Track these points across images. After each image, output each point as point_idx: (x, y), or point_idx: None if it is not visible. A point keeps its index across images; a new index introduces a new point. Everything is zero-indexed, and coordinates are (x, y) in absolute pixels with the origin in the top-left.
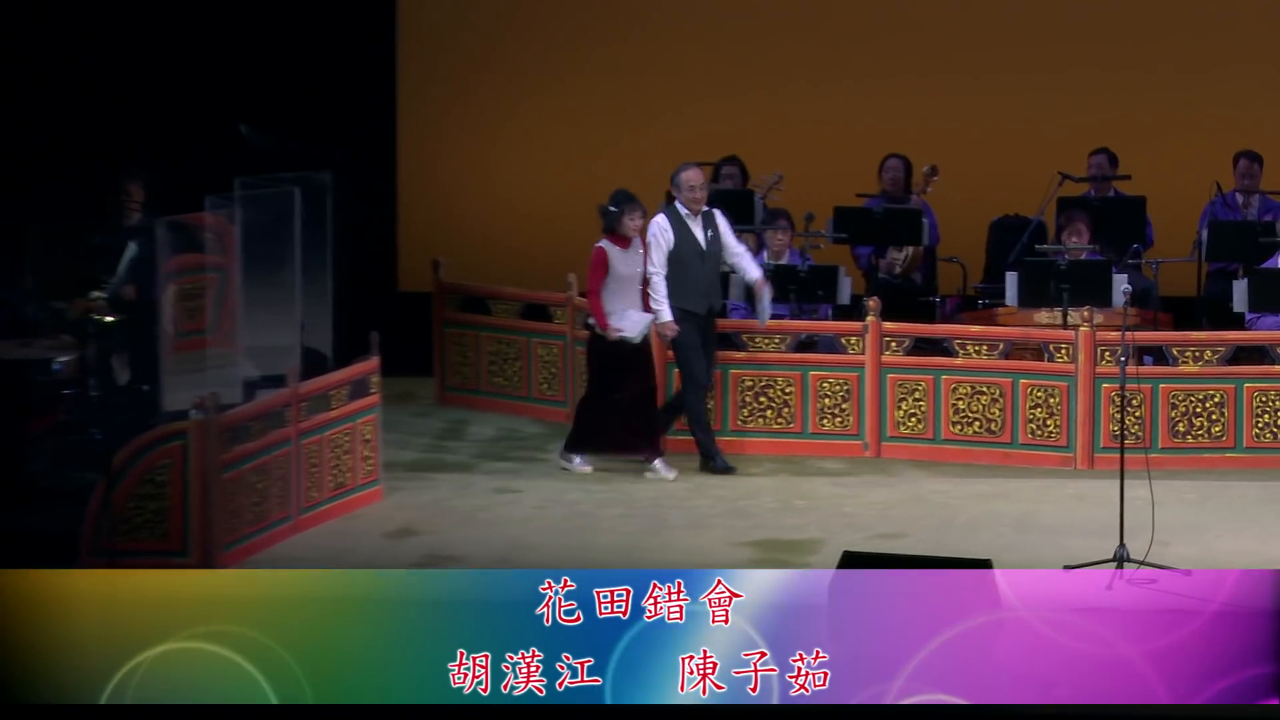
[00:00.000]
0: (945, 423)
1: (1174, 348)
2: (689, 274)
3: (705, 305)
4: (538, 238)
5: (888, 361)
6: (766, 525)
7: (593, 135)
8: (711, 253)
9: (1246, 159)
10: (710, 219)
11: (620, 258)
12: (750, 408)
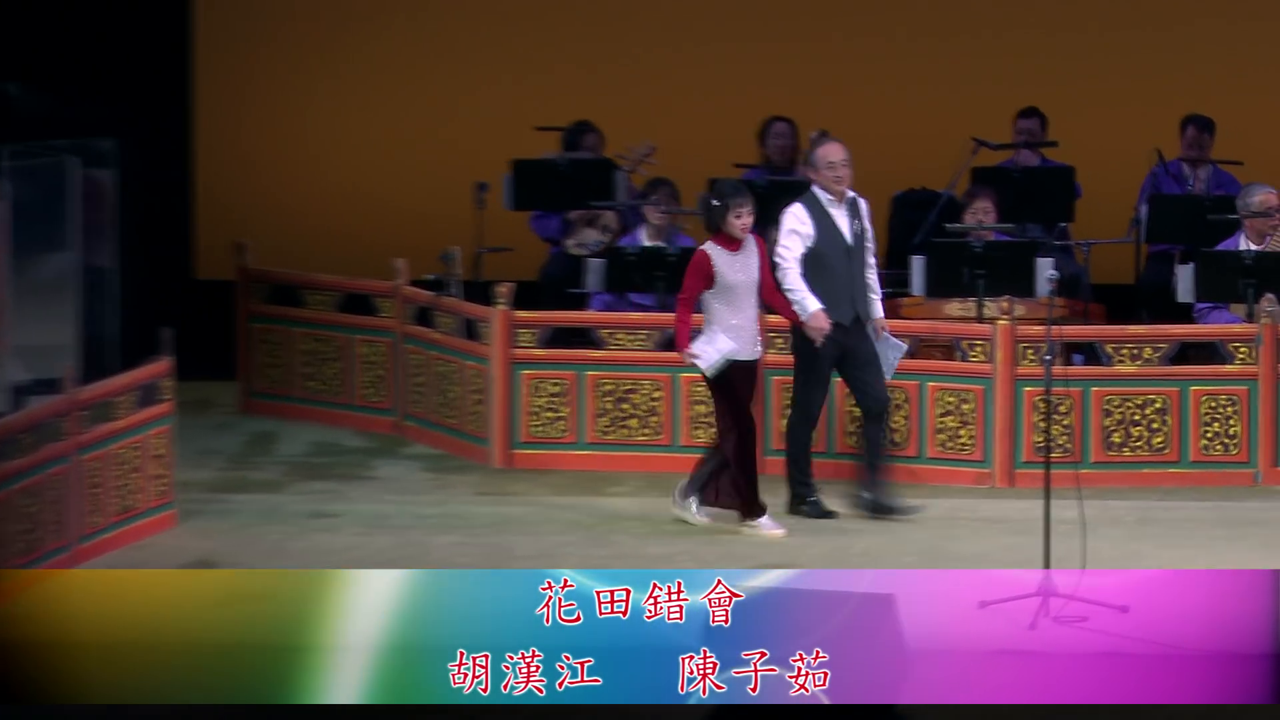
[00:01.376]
0: (840, 433)
1: (1108, 344)
2: (831, 275)
3: (850, 313)
4: (360, 216)
5: (771, 361)
6: (629, 555)
7: (426, 97)
8: (858, 248)
9: (1195, 125)
10: (855, 207)
11: (729, 263)
12: (610, 416)
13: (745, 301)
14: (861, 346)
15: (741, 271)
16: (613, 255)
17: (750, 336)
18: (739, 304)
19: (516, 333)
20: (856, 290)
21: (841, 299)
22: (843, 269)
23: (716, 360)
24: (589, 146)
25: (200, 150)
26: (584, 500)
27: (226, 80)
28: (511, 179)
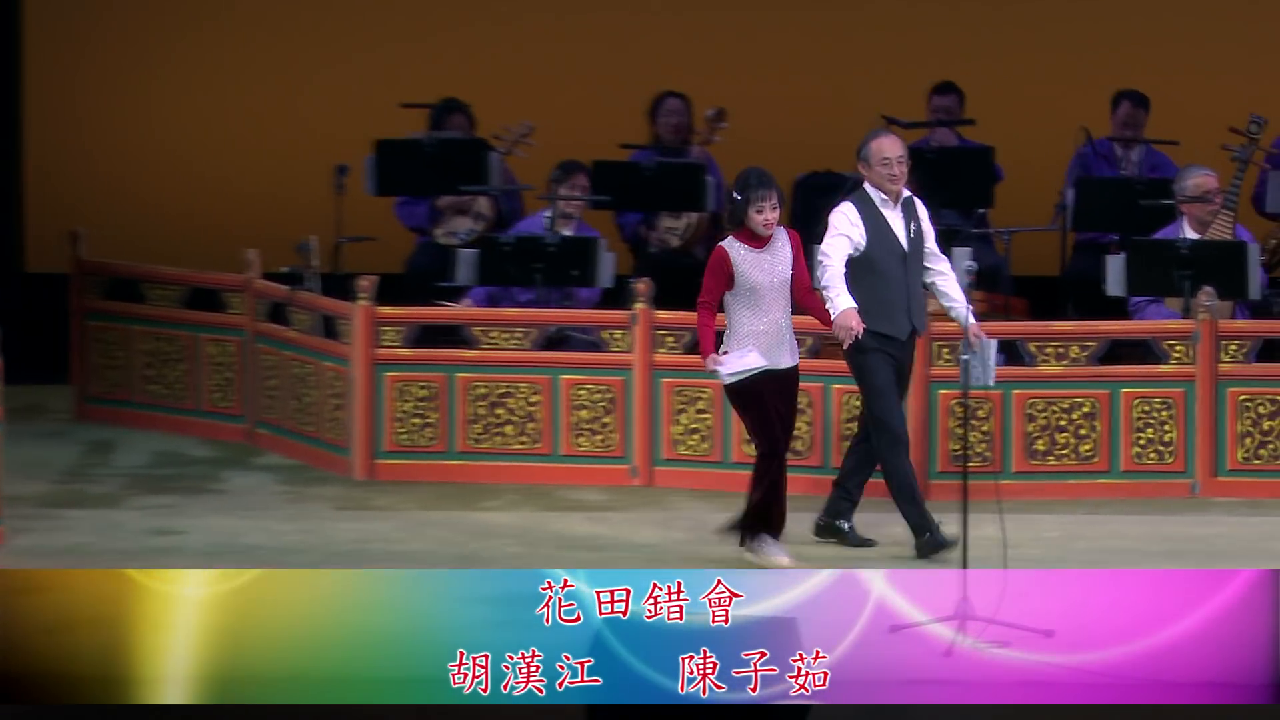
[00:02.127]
0: (736, 441)
1: (1031, 342)
2: (885, 283)
3: (907, 327)
4: (208, 203)
5: (662, 362)
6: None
7: (279, 72)
8: (915, 254)
9: (1129, 101)
10: (911, 208)
11: (752, 262)
12: (484, 422)
13: (772, 304)
14: (907, 364)
15: (766, 271)
16: (486, 245)
17: (779, 343)
18: (764, 307)
19: (380, 331)
20: (914, 300)
21: (896, 311)
22: (898, 277)
23: (738, 373)
24: (458, 126)
25: (30, 131)
26: (455, 515)
27: (58, 56)
28: (374, 161)
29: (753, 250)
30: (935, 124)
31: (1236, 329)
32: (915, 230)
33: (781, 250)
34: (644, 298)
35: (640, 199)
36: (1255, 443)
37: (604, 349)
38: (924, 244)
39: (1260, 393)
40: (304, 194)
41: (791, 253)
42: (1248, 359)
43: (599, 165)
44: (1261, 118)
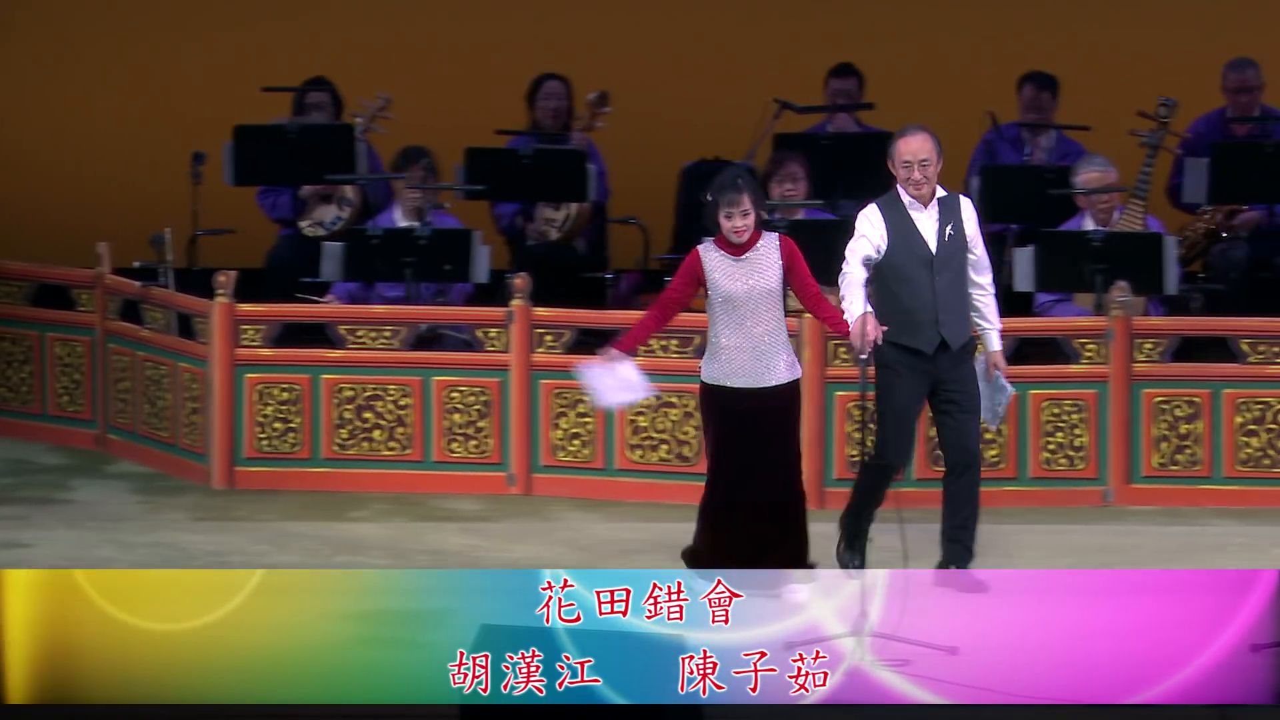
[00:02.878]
0: (620, 447)
1: None
2: (910, 292)
3: (934, 339)
4: (55, 193)
5: (541, 362)
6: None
7: (131, 53)
8: (947, 259)
9: (1034, 84)
10: (951, 209)
11: (726, 270)
12: (351, 427)
13: (750, 318)
14: (953, 380)
15: (742, 281)
16: (353, 238)
17: (757, 359)
18: (739, 319)
19: (240, 329)
20: (945, 311)
21: (922, 322)
22: (923, 284)
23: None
24: (322, 109)
25: None
26: (320, 526)
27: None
28: (233, 148)
29: (729, 258)
30: (833, 109)
31: (1152, 326)
32: (952, 234)
33: (765, 260)
34: (521, 294)
35: (518, 188)
36: (1172, 447)
37: (479, 348)
38: (964, 250)
39: (1178, 394)
40: (158, 183)
41: (783, 261)
42: (1164, 358)
43: (474, 152)
44: (1171, 100)
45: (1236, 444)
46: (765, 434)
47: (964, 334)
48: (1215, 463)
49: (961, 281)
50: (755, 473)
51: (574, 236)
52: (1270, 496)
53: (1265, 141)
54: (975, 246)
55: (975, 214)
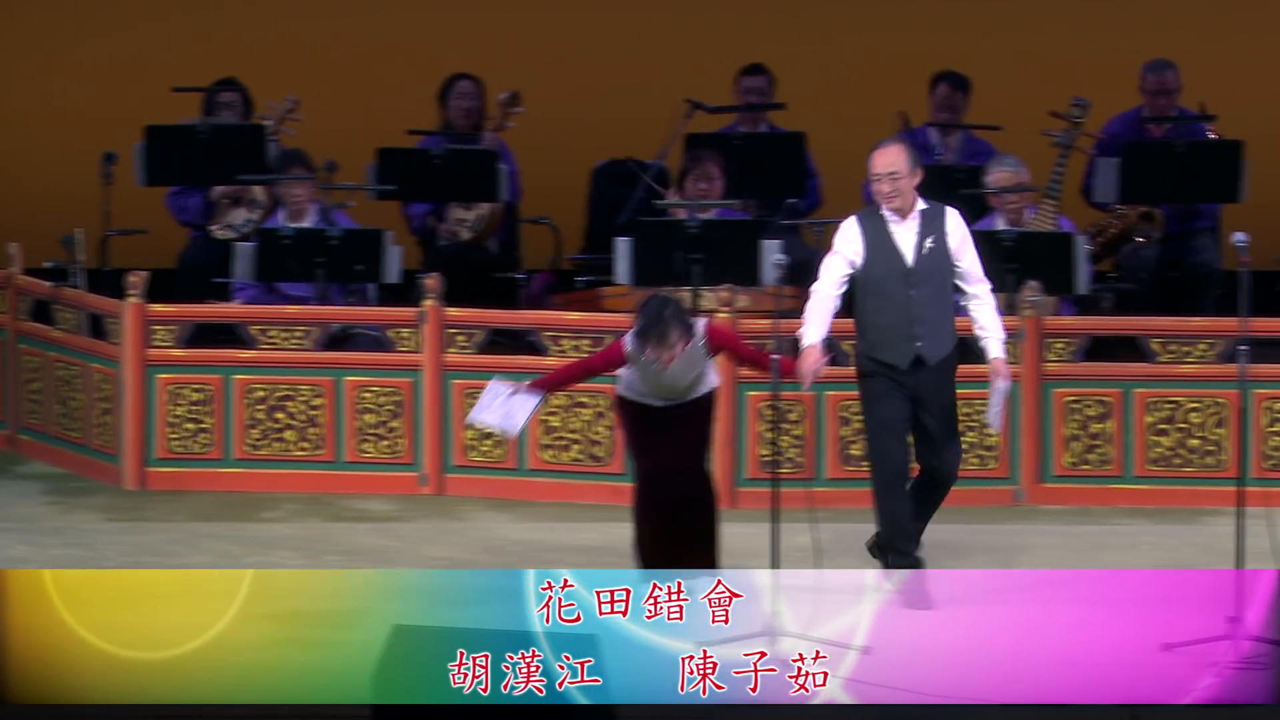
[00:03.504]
0: (533, 447)
1: (844, 340)
2: (885, 306)
3: (909, 355)
4: None
5: (453, 362)
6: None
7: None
8: (926, 273)
9: (947, 84)
10: (934, 222)
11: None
12: (263, 427)
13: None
14: (933, 398)
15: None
16: (264, 238)
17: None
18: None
19: (151, 330)
20: (921, 325)
21: (897, 337)
22: (899, 298)
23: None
24: (233, 108)
25: None
26: (232, 527)
27: None
28: (144, 149)
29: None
30: (744, 108)
31: (1063, 326)
32: (932, 247)
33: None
34: (433, 294)
35: (429, 188)
36: (1084, 447)
37: (391, 349)
38: (948, 262)
39: (1089, 393)
40: (69, 184)
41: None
42: (1075, 358)
43: (385, 153)
44: (1084, 100)
45: (1147, 443)
46: (680, 437)
47: (943, 349)
48: (1126, 462)
49: (943, 295)
50: (670, 474)
51: (486, 237)
52: (1180, 496)
53: (1177, 141)
54: (961, 258)
55: (964, 225)
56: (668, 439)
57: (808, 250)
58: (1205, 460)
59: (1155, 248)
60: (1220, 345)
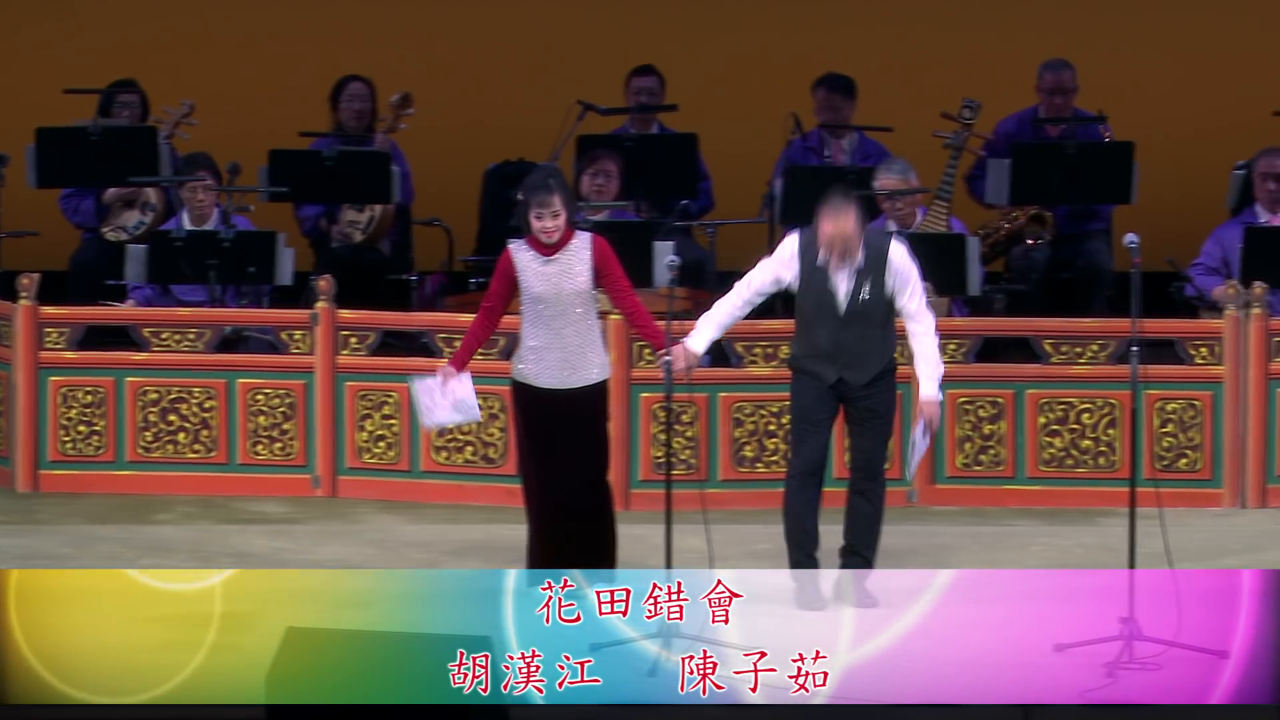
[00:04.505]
0: (426, 449)
1: (738, 342)
2: (816, 333)
3: (832, 377)
4: None
5: (346, 364)
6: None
7: None
8: (857, 316)
9: (827, 87)
10: (875, 265)
11: (536, 271)
12: (156, 429)
13: (559, 319)
14: (864, 397)
15: (552, 282)
16: (157, 240)
17: (564, 362)
18: (547, 320)
19: (43, 332)
20: (847, 357)
21: (824, 361)
22: (830, 333)
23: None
24: (131, 111)
25: None
26: (125, 529)
27: None
28: (35, 151)
29: (540, 258)
30: (635, 110)
31: (955, 327)
32: (869, 295)
33: (576, 261)
34: (326, 296)
35: (321, 190)
36: (975, 448)
37: (284, 351)
38: (882, 306)
39: (981, 394)
40: None
41: (594, 262)
42: (967, 359)
43: (277, 155)
44: (974, 101)
45: (1039, 444)
46: (573, 434)
47: (868, 373)
48: (1019, 463)
49: (873, 334)
50: (563, 473)
51: (378, 238)
52: (1073, 496)
53: (1067, 142)
54: (901, 296)
55: (908, 258)
56: (561, 436)
57: (700, 252)
58: (1097, 461)
59: (1047, 249)
60: (1112, 346)
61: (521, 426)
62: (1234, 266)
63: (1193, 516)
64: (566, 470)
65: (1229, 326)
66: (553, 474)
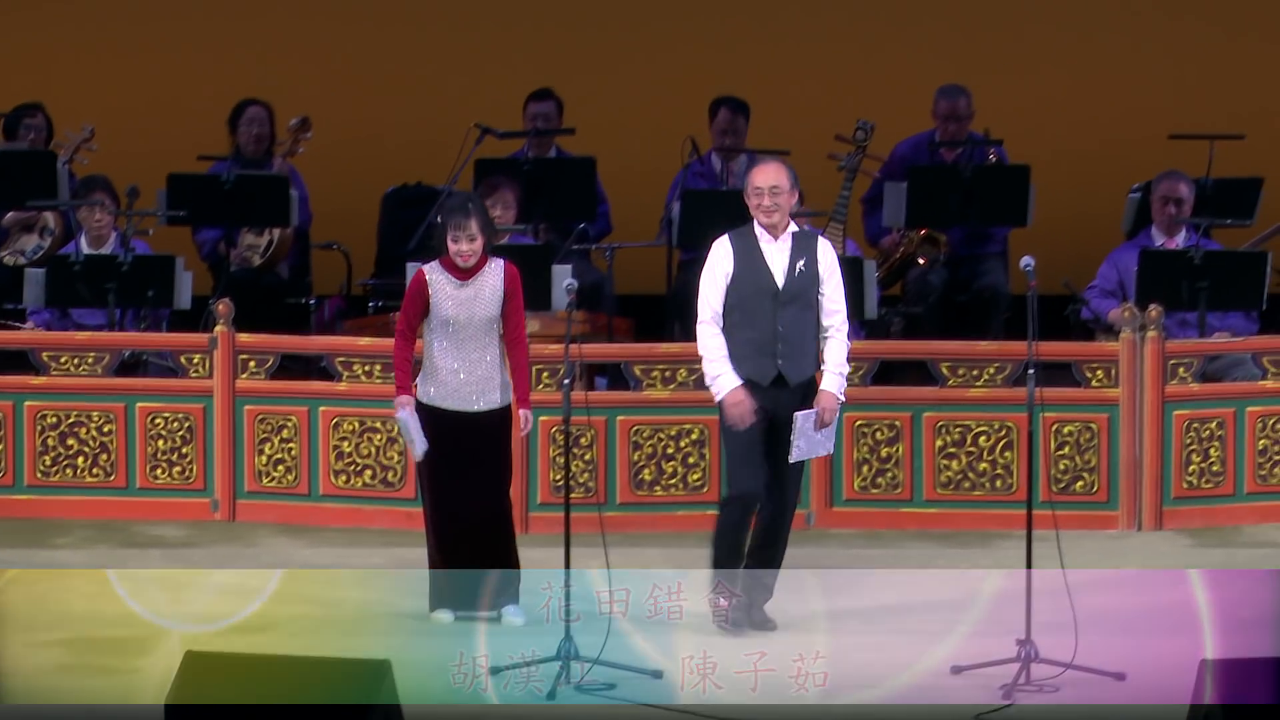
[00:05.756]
0: (325, 472)
1: (636, 365)
2: (751, 322)
3: (771, 372)
4: None
5: (245, 388)
6: (78, 619)
7: None
8: (794, 294)
9: (727, 109)
10: (805, 246)
11: (450, 294)
12: (55, 454)
13: (469, 343)
14: (788, 423)
15: (465, 306)
16: (55, 264)
17: (467, 384)
18: (458, 343)
19: None
20: (784, 344)
21: (761, 354)
22: (766, 316)
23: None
24: (36, 134)
25: None
26: (23, 554)
27: None
28: None
29: (454, 281)
30: (532, 133)
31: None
32: (803, 270)
33: (488, 286)
34: (224, 319)
35: (220, 214)
36: (873, 470)
37: (182, 375)
38: (815, 287)
39: (878, 417)
40: None
41: (504, 290)
42: (864, 381)
43: (175, 178)
44: (868, 123)
45: (937, 467)
46: (479, 456)
47: (804, 372)
48: (916, 485)
49: (808, 318)
50: (466, 494)
51: (276, 262)
52: (969, 519)
53: (963, 165)
54: (824, 286)
55: (834, 256)
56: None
57: (598, 275)
58: (994, 483)
59: (943, 271)
60: (1009, 369)
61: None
62: (1130, 289)
63: (1089, 538)
64: (471, 492)
65: (1125, 349)
66: (457, 496)
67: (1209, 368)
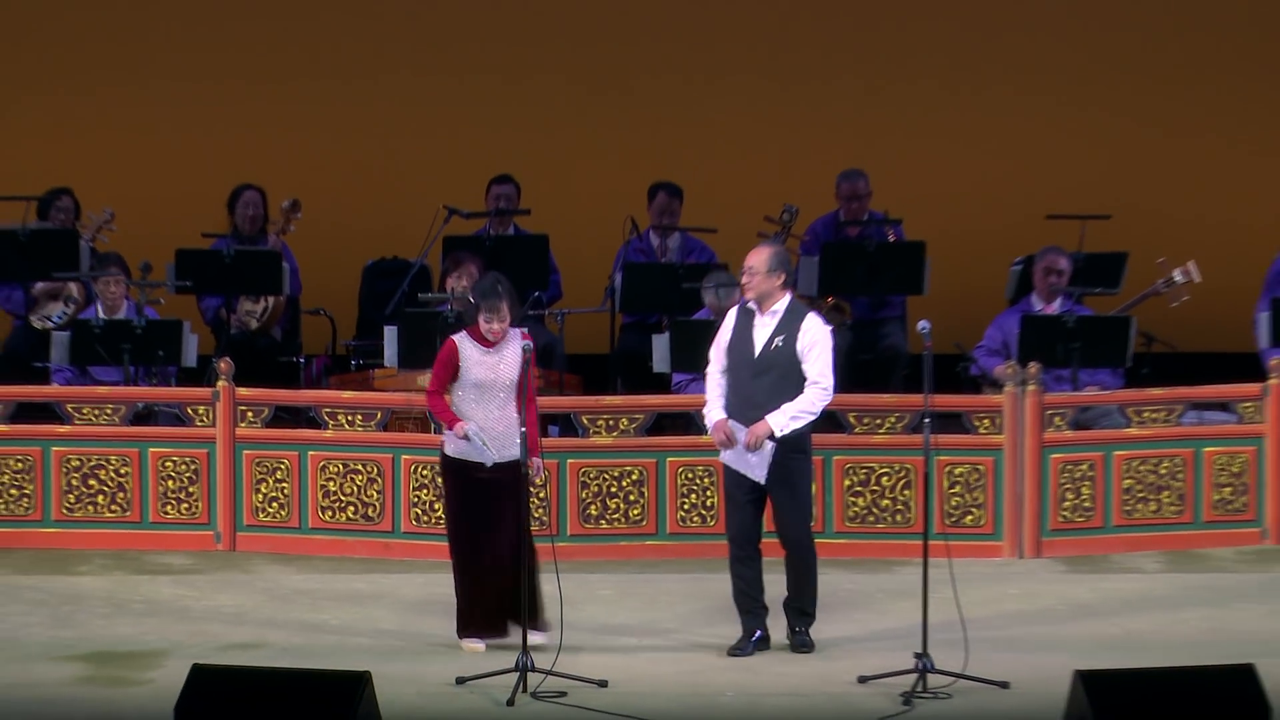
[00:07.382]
0: (313, 508)
1: (584, 415)
2: (736, 383)
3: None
4: None
5: (243, 435)
6: (96, 636)
7: None
8: (768, 365)
9: (665, 192)
10: (790, 323)
11: (478, 360)
12: (78, 492)
13: (492, 401)
14: (776, 467)
15: (491, 369)
16: (78, 328)
17: (493, 440)
18: (485, 403)
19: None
20: (757, 410)
21: (743, 412)
22: (745, 382)
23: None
24: (66, 213)
25: None
26: (48, 580)
27: None
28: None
29: (481, 348)
30: (494, 213)
31: None
32: (780, 345)
33: (510, 352)
34: (225, 376)
35: (221, 284)
36: None
37: (189, 424)
38: (793, 360)
39: None
40: None
41: (522, 358)
42: None
43: (182, 253)
44: (794, 207)
45: (845, 503)
46: (504, 501)
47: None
48: (827, 519)
49: (784, 386)
50: (492, 537)
51: (271, 325)
52: (874, 549)
53: (867, 241)
54: (805, 359)
55: (820, 330)
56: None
57: (550, 336)
58: (895, 518)
59: (849, 334)
60: (907, 418)
61: (456, 500)
62: (1013, 348)
63: (977, 565)
64: (501, 537)
65: (1008, 401)
66: (489, 542)
67: (1081, 417)
